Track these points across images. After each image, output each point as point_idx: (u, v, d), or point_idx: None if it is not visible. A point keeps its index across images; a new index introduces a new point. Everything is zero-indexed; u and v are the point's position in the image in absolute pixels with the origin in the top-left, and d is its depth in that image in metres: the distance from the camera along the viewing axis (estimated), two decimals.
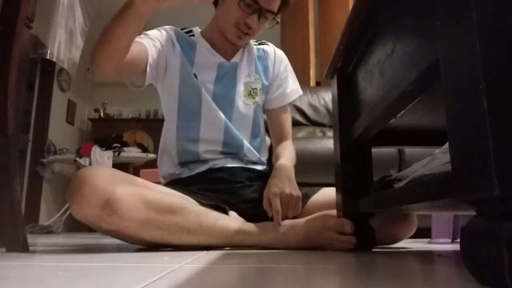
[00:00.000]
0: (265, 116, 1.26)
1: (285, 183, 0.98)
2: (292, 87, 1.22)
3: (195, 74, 1.09)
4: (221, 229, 0.90)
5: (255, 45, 1.21)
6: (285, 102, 1.21)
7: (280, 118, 1.21)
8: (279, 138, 1.21)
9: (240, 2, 1.02)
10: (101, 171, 0.83)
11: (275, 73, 1.20)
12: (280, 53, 1.24)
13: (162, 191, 0.92)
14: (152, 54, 1.03)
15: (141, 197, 0.83)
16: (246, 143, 1.13)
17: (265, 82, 1.18)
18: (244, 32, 1.06)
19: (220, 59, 1.12)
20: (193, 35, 1.14)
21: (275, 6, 1.06)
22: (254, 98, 1.15)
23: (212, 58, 1.12)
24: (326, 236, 0.88)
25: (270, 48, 1.24)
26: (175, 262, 0.58)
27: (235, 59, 1.15)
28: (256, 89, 1.15)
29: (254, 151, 1.15)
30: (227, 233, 0.90)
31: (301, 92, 1.24)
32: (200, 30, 1.19)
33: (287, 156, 1.12)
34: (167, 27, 1.13)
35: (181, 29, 1.16)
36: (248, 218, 0.97)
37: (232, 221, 0.93)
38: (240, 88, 1.13)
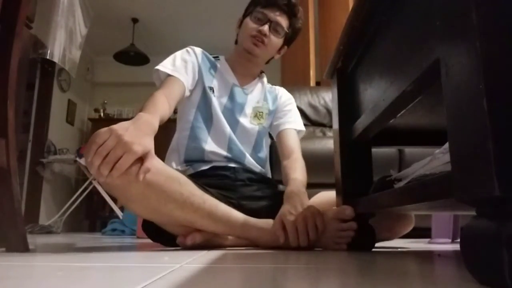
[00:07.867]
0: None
1: (299, 208, 0.94)
2: (297, 120, 1.32)
3: (212, 89, 1.22)
4: (223, 212, 0.93)
5: (268, 85, 1.35)
6: (289, 126, 1.29)
7: (286, 139, 1.26)
8: (287, 153, 1.22)
9: (252, 16, 1.20)
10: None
11: (282, 104, 1.33)
12: (289, 94, 1.38)
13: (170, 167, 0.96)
14: (187, 83, 1.14)
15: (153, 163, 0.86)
16: (248, 156, 1.21)
17: (271, 108, 1.30)
18: (259, 40, 1.19)
19: (235, 82, 1.26)
20: (218, 59, 1.29)
21: (282, 20, 1.21)
22: (259, 119, 1.27)
23: (229, 79, 1.25)
24: (327, 227, 0.90)
25: (281, 88, 1.39)
26: (175, 262, 0.58)
27: (248, 87, 1.28)
28: (262, 112, 1.28)
29: (256, 164, 1.23)
30: (229, 218, 0.93)
31: (304, 129, 1.33)
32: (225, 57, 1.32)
33: (298, 176, 1.10)
34: (195, 48, 1.25)
35: (211, 55, 1.28)
36: (248, 215, 0.97)
37: (235, 210, 0.96)
38: (248, 111, 1.26)
